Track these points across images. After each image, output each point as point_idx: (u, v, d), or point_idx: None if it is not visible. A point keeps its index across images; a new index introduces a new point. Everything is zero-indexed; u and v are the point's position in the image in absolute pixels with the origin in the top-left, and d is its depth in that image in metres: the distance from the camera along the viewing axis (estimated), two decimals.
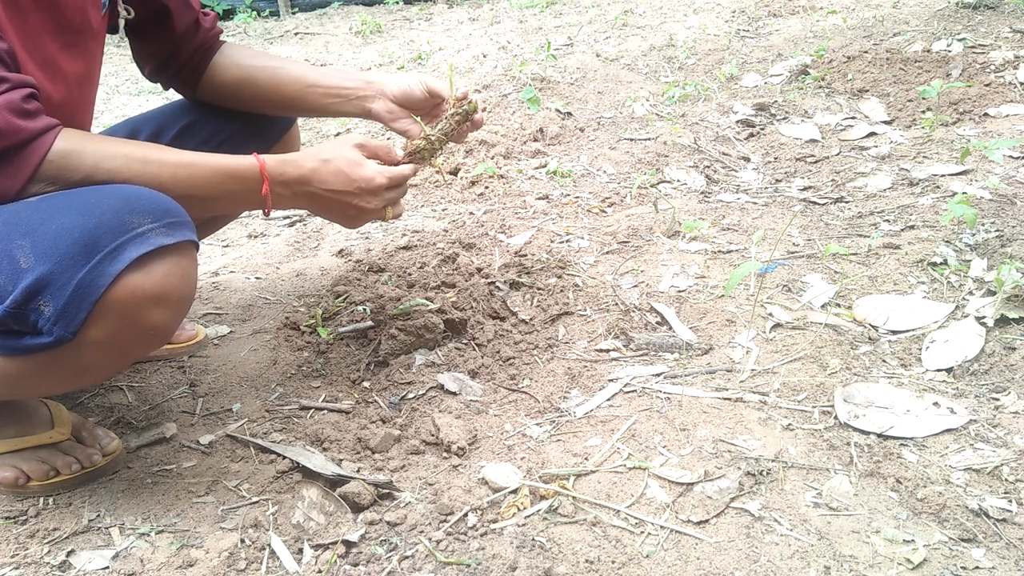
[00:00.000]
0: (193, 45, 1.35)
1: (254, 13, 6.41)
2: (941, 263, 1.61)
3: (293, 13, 6.43)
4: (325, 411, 1.36)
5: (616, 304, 1.61)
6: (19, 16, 1.00)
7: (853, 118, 2.66)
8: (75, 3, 1.09)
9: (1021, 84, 2.61)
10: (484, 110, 1.42)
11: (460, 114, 1.38)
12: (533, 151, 2.61)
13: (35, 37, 1.03)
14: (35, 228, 0.93)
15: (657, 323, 1.54)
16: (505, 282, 1.72)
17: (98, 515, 1.13)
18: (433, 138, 1.35)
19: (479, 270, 1.78)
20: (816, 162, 2.36)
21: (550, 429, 1.27)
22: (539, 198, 2.24)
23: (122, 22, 1.19)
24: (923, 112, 2.59)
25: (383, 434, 1.26)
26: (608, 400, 1.33)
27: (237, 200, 1.15)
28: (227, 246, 2.23)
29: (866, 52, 3.10)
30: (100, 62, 1.22)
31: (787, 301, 1.57)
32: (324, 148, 1.22)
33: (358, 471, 1.17)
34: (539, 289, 1.70)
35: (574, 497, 1.10)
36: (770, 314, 1.52)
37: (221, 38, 1.42)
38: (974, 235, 1.69)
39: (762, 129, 2.66)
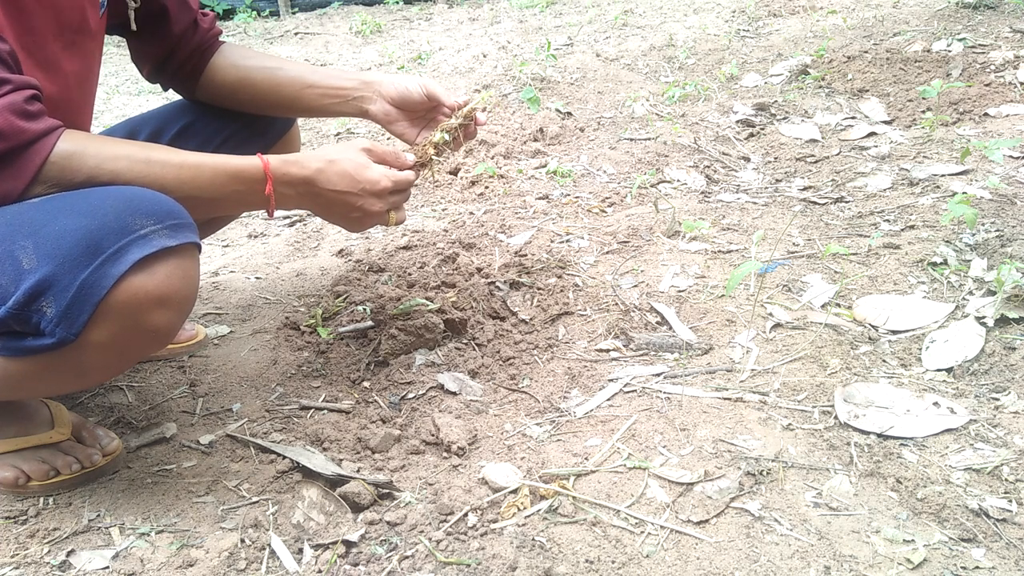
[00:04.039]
0: (191, 45, 1.35)
1: (254, 13, 6.41)
2: (941, 263, 1.62)
3: (293, 13, 6.43)
4: (325, 411, 1.37)
5: (616, 304, 1.61)
6: (20, 16, 1.00)
7: (853, 118, 2.66)
8: (74, 3, 1.09)
9: (1021, 84, 2.61)
10: (485, 110, 1.42)
11: (464, 120, 1.39)
12: (533, 151, 2.61)
13: (36, 37, 1.04)
14: (38, 229, 0.93)
15: (657, 323, 1.54)
16: (505, 282, 1.72)
17: (98, 515, 1.13)
18: (440, 146, 1.36)
19: (479, 270, 1.78)
20: (816, 162, 2.36)
21: (550, 429, 1.28)
22: (539, 198, 2.24)
23: (132, 13, 1.18)
24: (923, 112, 2.59)
25: (383, 434, 1.26)
26: (608, 400, 1.33)
27: (240, 201, 1.14)
28: (227, 246, 2.23)
29: (866, 52, 3.10)
30: (99, 62, 1.22)
31: (787, 301, 1.57)
32: (330, 150, 1.21)
33: (358, 471, 1.18)
34: (539, 289, 1.70)
35: (574, 497, 1.10)
36: (770, 314, 1.52)
37: (221, 38, 1.42)
38: (974, 235, 1.69)
39: (762, 129, 2.66)
